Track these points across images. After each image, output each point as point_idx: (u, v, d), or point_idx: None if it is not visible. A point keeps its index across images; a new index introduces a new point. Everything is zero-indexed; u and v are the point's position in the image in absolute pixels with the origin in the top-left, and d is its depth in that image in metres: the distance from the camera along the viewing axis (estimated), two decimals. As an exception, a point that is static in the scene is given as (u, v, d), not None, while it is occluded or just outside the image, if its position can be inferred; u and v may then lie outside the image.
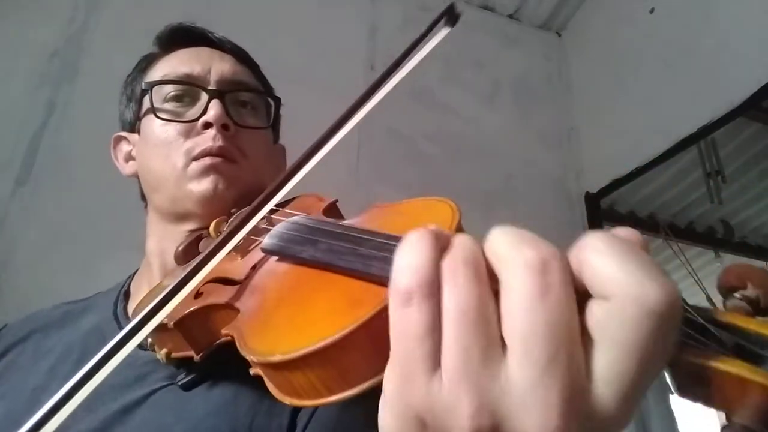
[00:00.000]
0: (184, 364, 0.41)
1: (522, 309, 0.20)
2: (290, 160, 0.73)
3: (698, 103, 1.68)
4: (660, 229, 3.04)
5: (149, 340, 0.43)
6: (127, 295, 0.63)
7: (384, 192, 1.79)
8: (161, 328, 0.39)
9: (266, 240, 0.38)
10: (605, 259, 0.21)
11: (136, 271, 0.66)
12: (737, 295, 0.24)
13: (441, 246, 0.23)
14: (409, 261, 0.22)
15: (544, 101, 2.26)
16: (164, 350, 0.40)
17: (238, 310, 0.35)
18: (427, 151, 1.94)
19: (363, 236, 0.30)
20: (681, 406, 1.95)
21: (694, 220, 3.25)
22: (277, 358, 0.26)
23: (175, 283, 0.30)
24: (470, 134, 2.04)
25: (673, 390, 0.21)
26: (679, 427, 1.68)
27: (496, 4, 2.33)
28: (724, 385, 0.20)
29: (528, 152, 2.11)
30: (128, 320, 0.52)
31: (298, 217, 0.40)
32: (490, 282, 0.22)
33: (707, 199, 2.70)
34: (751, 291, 0.23)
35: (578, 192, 2.12)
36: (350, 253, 0.30)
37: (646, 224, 3.05)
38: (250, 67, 0.66)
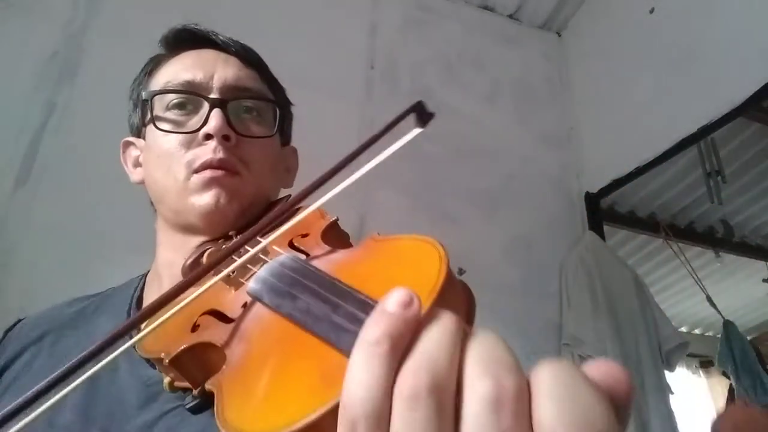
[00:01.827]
0: (188, 390, 0.42)
1: None
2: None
3: (698, 103, 1.68)
4: (660, 229, 3.04)
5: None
6: (140, 301, 0.61)
7: (384, 192, 1.79)
8: (159, 361, 0.39)
9: (251, 284, 0.38)
10: (551, 408, 0.20)
11: (149, 271, 0.65)
12: None
13: (400, 349, 0.22)
14: (359, 385, 0.21)
15: (544, 101, 2.26)
16: (167, 379, 0.41)
17: (225, 357, 0.36)
18: (427, 151, 1.94)
19: (339, 301, 0.30)
20: (681, 406, 1.95)
21: (694, 220, 3.25)
22: None
23: (153, 306, 0.31)
24: (470, 134, 2.04)
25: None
26: (679, 427, 1.68)
27: (496, 4, 2.33)
28: None
29: (528, 152, 2.11)
30: (139, 331, 0.52)
31: (284, 258, 0.39)
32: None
33: (707, 199, 2.70)
34: None
35: (578, 192, 2.12)
36: (325, 319, 0.30)
37: (646, 224, 3.05)
38: (258, 70, 0.63)
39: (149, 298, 0.60)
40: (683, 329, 4.84)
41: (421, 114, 0.36)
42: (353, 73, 1.95)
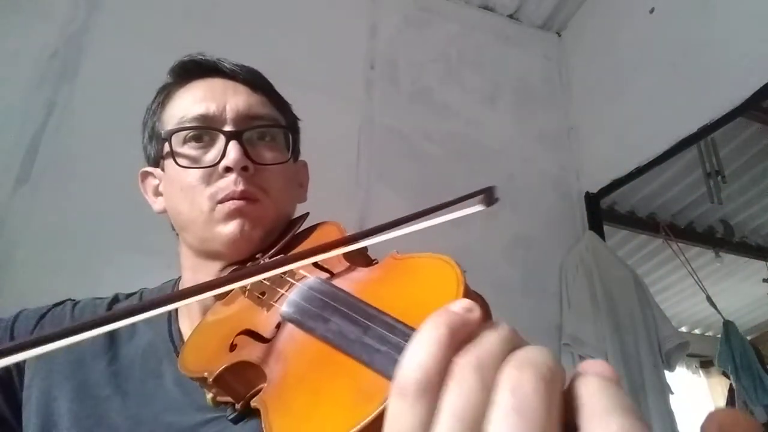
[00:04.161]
0: (230, 404, 0.45)
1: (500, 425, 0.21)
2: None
3: (698, 103, 1.68)
4: (660, 229, 3.04)
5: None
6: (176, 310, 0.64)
7: (384, 192, 1.79)
8: (202, 380, 0.42)
9: (283, 308, 0.41)
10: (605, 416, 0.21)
11: (179, 278, 0.67)
12: None
13: (457, 341, 0.24)
14: (415, 358, 0.23)
15: (544, 101, 2.26)
16: (210, 395, 0.43)
17: (266, 376, 0.38)
18: (427, 151, 1.94)
19: (368, 323, 0.33)
20: (681, 406, 1.95)
21: (694, 220, 3.25)
22: None
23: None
24: (470, 134, 2.04)
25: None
26: (679, 427, 1.68)
27: (496, 4, 2.33)
28: None
29: (528, 152, 2.11)
30: (183, 342, 0.56)
31: (312, 282, 0.42)
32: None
33: (707, 199, 2.70)
34: None
35: (578, 192, 2.12)
36: (357, 341, 0.32)
37: (646, 224, 3.05)
38: (266, 94, 0.65)
39: (184, 312, 0.63)
40: (683, 329, 4.84)
41: (490, 198, 0.40)
42: (353, 73, 1.95)
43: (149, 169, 0.66)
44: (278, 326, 0.42)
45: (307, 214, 0.63)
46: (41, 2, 1.59)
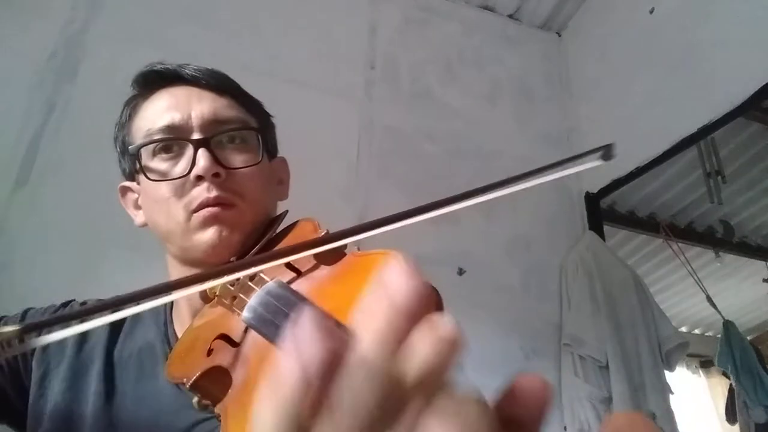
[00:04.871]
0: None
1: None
2: (292, 164, 0.73)
3: (698, 103, 1.68)
4: (660, 229, 3.04)
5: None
6: (172, 310, 0.66)
7: (384, 191, 1.79)
8: (183, 385, 0.43)
9: (244, 314, 0.41)
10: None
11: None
12: None
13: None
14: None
15: (544, 101, 2.26)
16: (195, 399, 0.44)
17: (231, 381, 0.39)
18: (427, 151, 1.94)
19: None
20: (681, 406, 1.95)
21: (694, 220, 3.25)
22: None
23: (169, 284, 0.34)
24: (470, 134, 2.04)
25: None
26: (679, 427, 1.68)
27: (496, 4, 2.33)
28: None
29: (528, 152, 2.11)
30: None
31: (270, 286, 0.42)
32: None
33: (707, 199, 2.70)
34: None
35: (578, 192, 2.12)
36: None
37: (646, 224, 3.05)
38: (231, 96, 0.64)
39: (177, 315, 0.65)
40: (683, 329, 4.84)
41: (608, 153, 0.39)
42: (353, 73, 1.95)
43: (127, 183, 0.66)
44: (246, 330, 0.42)
45: (286, 212, 0.62)
46: (41, 2, 1.59)
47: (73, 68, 1.55)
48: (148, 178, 0.58)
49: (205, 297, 0.53)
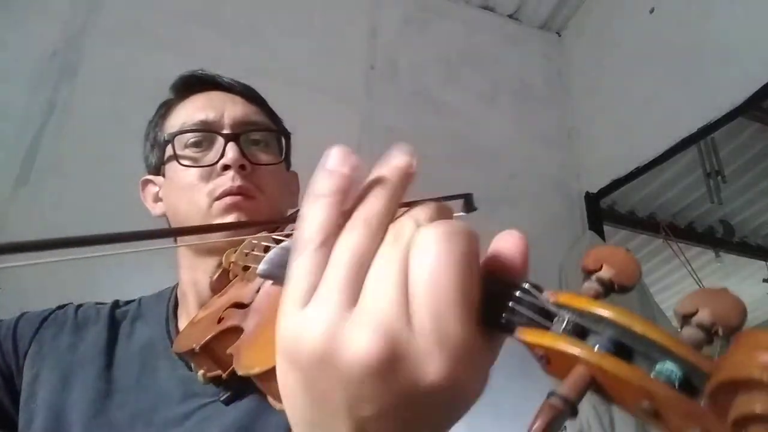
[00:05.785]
0: (221, 382, 0.48)
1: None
2: (293, 164, 0.74)
3: (698, 103, 1.68)
4: (660, 229, 3.03)
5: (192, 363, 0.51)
6: (175, 309, 0.67)
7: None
8: (191, 352, 0.45)
9: (260, 266, 0.44)
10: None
11: (176, 285, 0.70)
12: (593, 277, 0.25)
13: (345, 197, 0.28)
14: (312, 222, 0.27)
15: (544, 101, 2.26)
16: (201, 371, 0.47)
17: (242, 331, 0.41)
18: (427, 151, 1.94)
19: None
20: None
21: (694, 220, 3.25)
22: (257, 370, 0.33)
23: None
24: (470, 134, 2.04)
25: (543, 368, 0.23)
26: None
27: (496, 4, 2.33)
28: (555, 358, 0.22)
29: (528, 152, 2.11)
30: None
31: (286, 242, 0.45)
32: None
33: (707, 199, 2.70)
34: (605, 272, 0.25)
35: (578, 192, 2.12)
36: None
37: (646, 224, 3.05)
38: (259, 105, 0.70)
39: (183, 310, 0.67)
40: (683, 329, 4.84)
41: (469, 204, 0.41)
42: (353, 73, 1.95)
43: (150, 177, 0.70)
44: (257, 290, 0.45)
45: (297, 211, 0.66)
46: (41, 2, 1.59)
47: (73, 68, 1.54)
48: (180, 163, 0.62)
49: (215, 289, 0.57)
